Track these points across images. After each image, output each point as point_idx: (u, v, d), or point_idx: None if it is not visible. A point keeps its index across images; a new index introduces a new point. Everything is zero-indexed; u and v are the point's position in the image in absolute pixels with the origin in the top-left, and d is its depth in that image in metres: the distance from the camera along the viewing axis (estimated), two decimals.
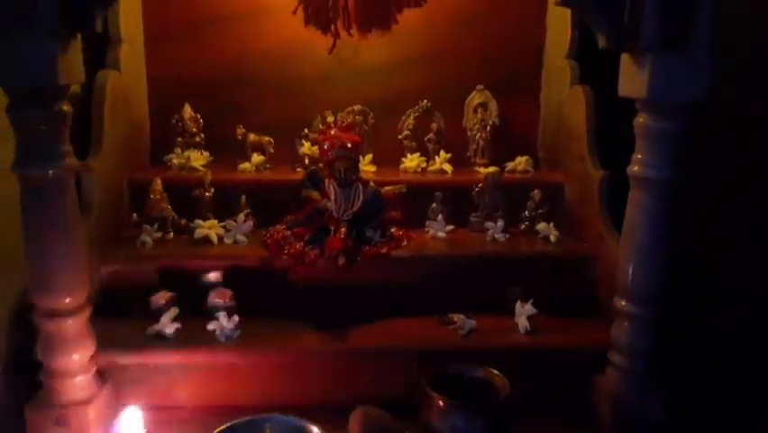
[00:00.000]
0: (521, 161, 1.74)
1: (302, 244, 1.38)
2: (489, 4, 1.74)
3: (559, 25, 1.69)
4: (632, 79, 1.11)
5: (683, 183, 1.12)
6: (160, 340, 1.23)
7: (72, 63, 1.03)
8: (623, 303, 1.19)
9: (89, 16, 1.01)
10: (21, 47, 0.95)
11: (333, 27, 1.14)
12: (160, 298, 1.27)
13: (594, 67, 1.58)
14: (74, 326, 1.07)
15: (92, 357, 1.12)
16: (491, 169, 1.66)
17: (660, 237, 1.14)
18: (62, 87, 1.02)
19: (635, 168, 1.14)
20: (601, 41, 1.11)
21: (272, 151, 1.69)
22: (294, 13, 1.15)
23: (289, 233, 1.43)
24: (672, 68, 1.05)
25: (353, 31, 1.17)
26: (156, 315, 1.26)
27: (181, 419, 1.19)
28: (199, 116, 1.70)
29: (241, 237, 1.46)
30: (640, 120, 1.12)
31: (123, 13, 1.53)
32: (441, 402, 1.03)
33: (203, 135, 1.70)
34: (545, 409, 1.17)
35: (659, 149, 1.11)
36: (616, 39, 1.09)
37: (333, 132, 1.47)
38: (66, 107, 1.03)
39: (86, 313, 1.09)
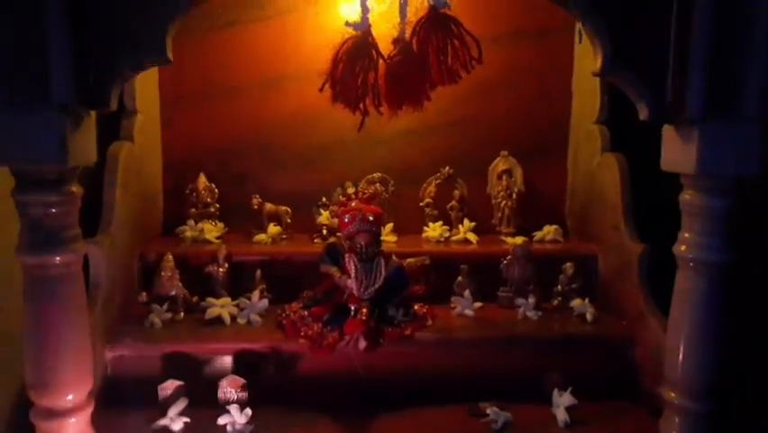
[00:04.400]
0: (549, 231, 1.66)
1: (320, 325, 1.29)
2: (512, 70, 1.70)
3: (586, 90, 1.64)
4: (677, 153, 1.03)
5: (740, 265, 1.02)
6: None
7: (85, 143, 0.96)
8: (672, 395, 1.08)
9: (105, 93, 0.94)
10: (30, 124, 0.87)
11: (362, 105, 1.08)
12: (168, 387, 1.18)
13: (624, 131, 1.53)
14: (75, 426, 0.98)
15: None
16: (519, 239, 1.58)
17: (713, 323, 1.04)
18: (73, 168, 0.95)
19: (683, 248, 1.04)
20: (642, 113, 1.03)
21: (289, 221, 1.63)
22: (321, 90, 1.09)
23: (306, 313, 1.34)
24: (722, 140, 0.97)
25: (383, 109, 1.11)
26: (163, 406, 1.16)
27: None
28: (214, 186, 1.65)
29: (254, 317, 1.37)
30: (686, 196, 1.04)
31: (138, 83, 1.50)
32: None
33: (218, 206, 1.64)
34: None
35: (709, 228, 1.02)
36: (659, 110, 1.02)
37: (353, 204, 1.40)
38: (76, 189, 0.97)
39: (89, 411, 1.00)
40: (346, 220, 1.35)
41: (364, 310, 1.28)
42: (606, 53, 1.00)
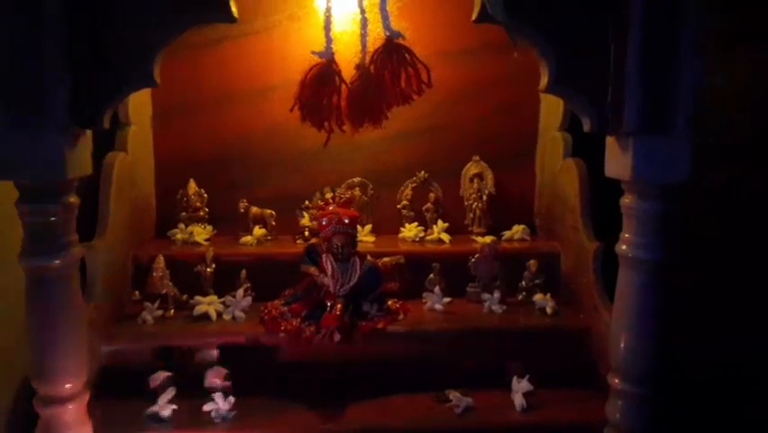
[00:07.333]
0: (518, 230, 1.77)
1: (299, 320, 1.40)
2: (483, 80, 1.81)
3: (552, 99, 1.73)
4: (617, 161, 1.14)
5: (672, 263, 1.13)
6: (157, 422, 1.24)
7: (81, 157, 1.07)
8: (615, 380, 1.18)
9: (99, 115, 1.05)
10: (32, 143, 0.99)
11: (326, 124, 1.22)
12: (158, 378, 1.29)
13: (590, 137, 1.63)
14: (73, 411, 1.09)
15: None
16: (488, 238, 1.68)
17: (650, 316, 1.14)
18: (71, 180, 1.06)
19: (623, 247, 1.15)
20: (586, 125, 1.14)
21: (274, 223, 1.74)
22: (291, 111, 1.23)
23: (286, 309, 1.45)
24: (655, 151, 1.08)
25: (345, 127, 1.25)
26: (154, 395, 1.27)
27: None
28: (203, 191, 1.75)
29: (239, 313, 1.48)
30: (626, 200, 1.15)
31: (131, 97, 1.60)
32: None
33: (207, 210, 1.75)
34: None
35: (645, 229, 1.13)
36: (600, 123, 1.13)
37: (330, 208, 1.51)
38: (73, 199, 1.07)
39: (85, 399, 1.11)
40: (324, 223, 1.46)
41: (339, 306, 1.39)
42: (551, 75, 1.11)
